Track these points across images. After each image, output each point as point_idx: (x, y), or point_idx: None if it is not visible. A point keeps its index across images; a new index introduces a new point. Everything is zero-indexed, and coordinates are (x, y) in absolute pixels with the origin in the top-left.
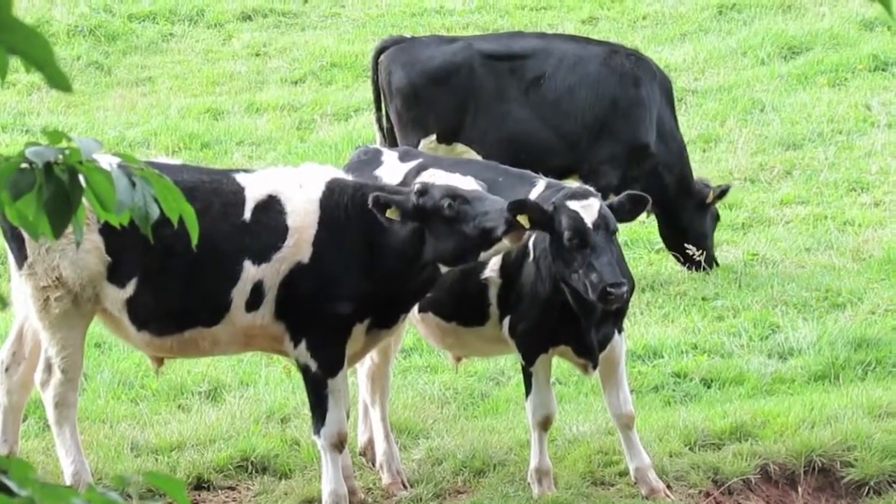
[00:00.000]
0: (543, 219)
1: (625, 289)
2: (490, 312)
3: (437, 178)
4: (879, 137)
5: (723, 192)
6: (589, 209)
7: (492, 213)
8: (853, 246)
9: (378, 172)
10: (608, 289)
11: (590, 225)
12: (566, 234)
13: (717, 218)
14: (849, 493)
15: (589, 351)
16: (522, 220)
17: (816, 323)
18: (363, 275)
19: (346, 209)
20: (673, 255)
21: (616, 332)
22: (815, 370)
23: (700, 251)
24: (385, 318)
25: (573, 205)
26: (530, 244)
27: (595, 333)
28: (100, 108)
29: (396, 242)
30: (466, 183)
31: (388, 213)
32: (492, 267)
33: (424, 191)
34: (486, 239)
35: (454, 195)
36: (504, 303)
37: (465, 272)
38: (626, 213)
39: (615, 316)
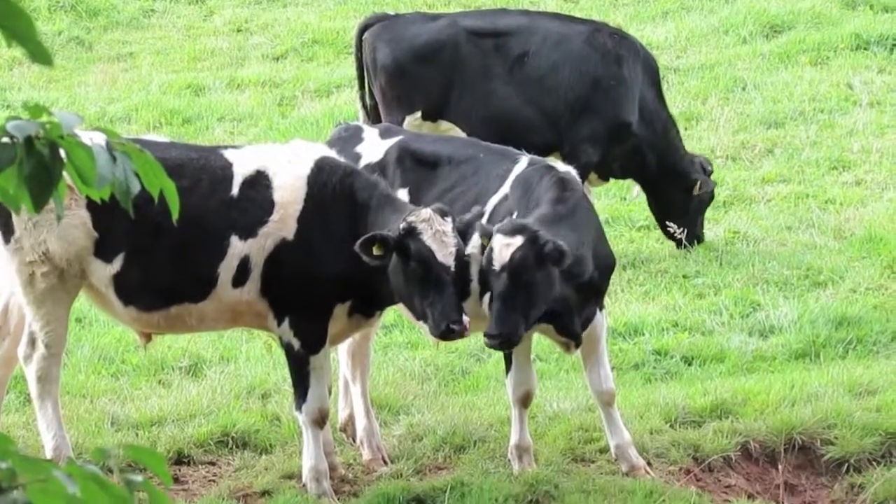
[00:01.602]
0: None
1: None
2: (471, 289)
3: (431, 225)
4: (861, 116)
5: (707, 187)
6: (506, 248)
7: (442, 310)
8: (834, 224)
9: (359, 149)
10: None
11: (496, 267)
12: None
13: (711, 197)
14: (829, 470)
15: (570, 331)
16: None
17: (797, 301)
18: (346, 256)
19: (334, 189)
20: (662, 231)
21: (597, 309)
22: (795, 348)
23: (681, 229)
24: (366, 306)
25: (496, 240)
26: None
27: (579, 315)
28: (81, 84)
29: (380, 229)
30: (447, 254)
31: (375, 251)
32: (473, 243)
33: (411, 232)
34: (419, 318)
35: (427, 264)
36: (486, 279)
37: None
38: (547, 260)
39: (596, 295)
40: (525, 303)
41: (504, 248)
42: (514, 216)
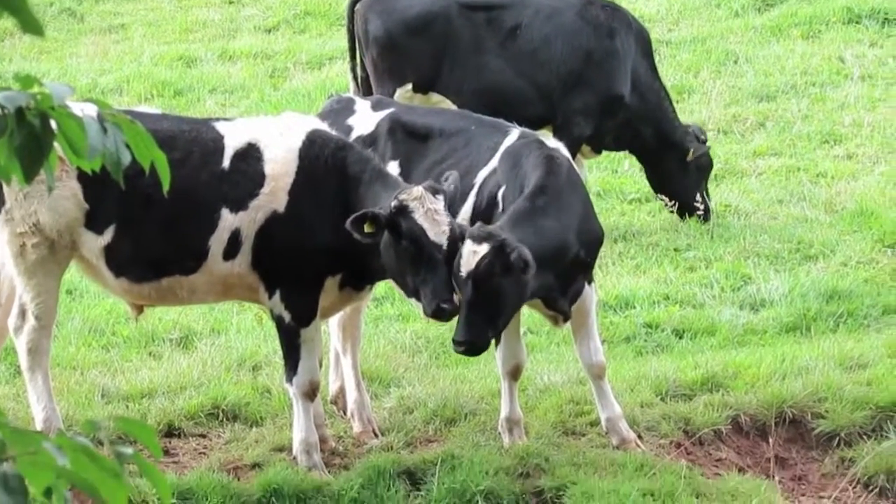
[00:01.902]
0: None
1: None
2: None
3: (423, 204)
4: (853, 90)
5: (700, 152)
6: (473, 255)
7: (434, 289)
8: (826, 198)
9: (350, 121)
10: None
11: (463, 273)
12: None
13: (707, 167)
14: (819, 444)
15: (557, 306)
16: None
17: (788, 274)
18: (336, 229)
19: (325, 162)
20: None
21: (586, 283)
22: (786, 322)
23: (673, 202)
24: (356, 279)
25: (465, 246)
26: (499, 196)
27: (566, 291)
28: (72, 55)
29: (369, 206)
30: (438, 233)
31: (366, 228)
32: (463, 216)
33: (402, 211)
34: (410, 295)
35: (419, 243)
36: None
37: None
38: (516, 268)
39: (584, 270)
40: (492, 310)
41: (471, 255)
42: (502, 191)
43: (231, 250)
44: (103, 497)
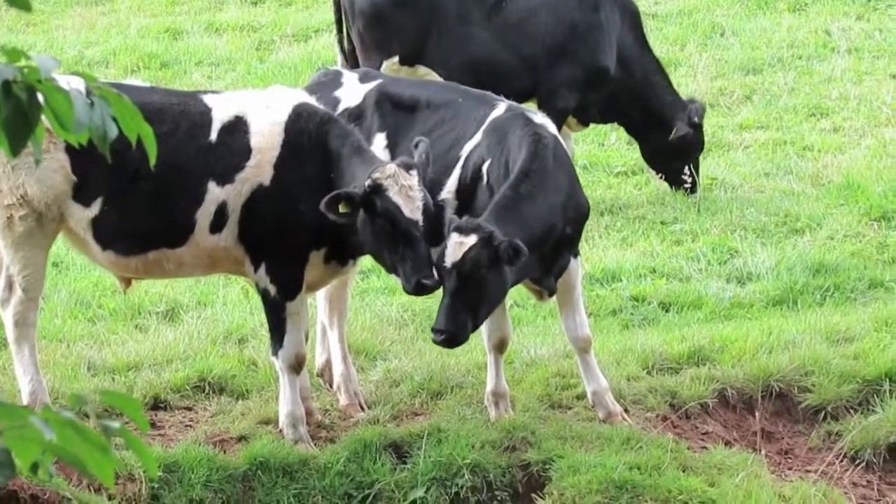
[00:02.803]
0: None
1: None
2: (446, 233)
3: (397, 181)
4: (839, 63)
5: (681, 132)
6: (459, 247)
7: (413, 265)
8: (812, 171)
9: (338, 94)
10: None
11: (448, 264)
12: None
13: (695, 145)
14: (806, 418)
15: (542, 281)
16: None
17: (775, 248)
18: (320, 203)
19: (310, 136)
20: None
21: (572, 257)
22: (773, 295)
23: (659, 174)
24: (341, 253)
25: (451, 237)
26: (484, 169)
27: (551, 266)
28: (59, 28)
29: (346, 182)
30: (414, 209)
31: (341, 208)
32: (448, 188)
33: (377, 189)
34: (390, 272)
35: (395, 220)
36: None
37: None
38: (503, 259)
39: (569, 245)
40: (475, 302)
41: (457, 246)
42: (487, 164)
43: (217, 223)
44: (90, 471)
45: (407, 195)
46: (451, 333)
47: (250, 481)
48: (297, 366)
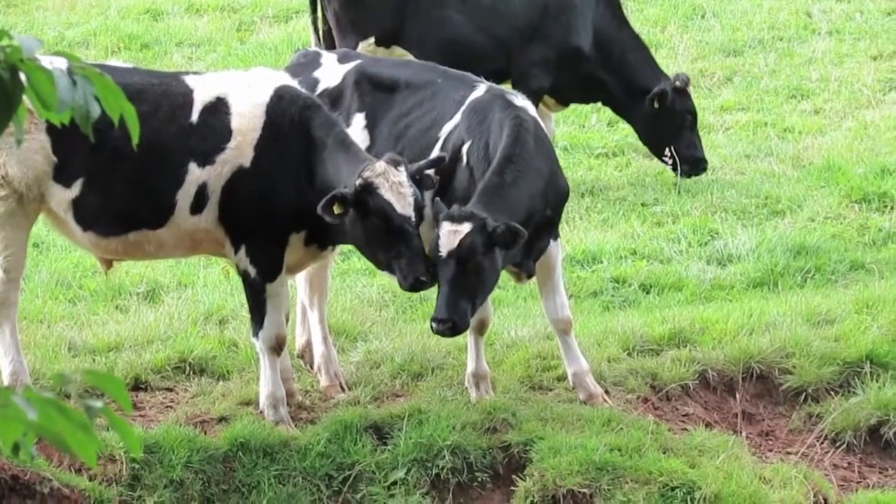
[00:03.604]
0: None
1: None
2: (425, 213)
3: (387, 178)
4: (820, 45)
5: (663, 98)
6: (452, 235)
7: (409, 263)
8: (793, 153)
9: (317, 74)
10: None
11: (443, 253)
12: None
13: (685, 116)
14: (787, 399)
15: (520, 263)
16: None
17: (756, 230)
18: (300, 186)
19: (292, 119)
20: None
21: (552, 238)
22: (753, 277)
23: (666, 157)
24: (322, 237)
25: (443, 226)
26: (464, 150)
27: (530, 248)
28: (39, 8)
29: (330, 173)
30: (405, 205)
31: (335, 210)
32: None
33: (368, 188)
34: (384, 269)
35: (388, 218)
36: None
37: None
38: (500, 244)
39: (549, 227)
40: (473, 288)
41: (452, 234)
42: (467, 146)
43: (198, 204)
44: (73, 451)
45: (398, 192)
46: (454, 322)
47: (231, 462)
48: (277, 347)
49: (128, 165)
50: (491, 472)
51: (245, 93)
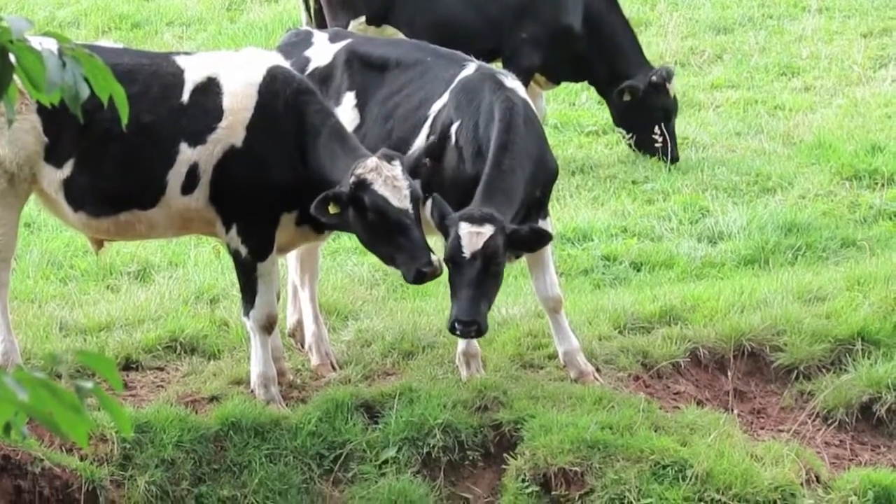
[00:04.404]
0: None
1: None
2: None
3: (381, 173)
4: (810, 22)
5: (634, 91)
6: (476, 237)
7: (411, 255)
8: (784, 130)
9: (308, 53)
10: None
11: (467, 255)
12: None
13: (662, 109)
14: (778, 377)
15: None
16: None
17: (746, 207)
18: (292, 167)
19: (286, 102)
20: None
21: (541, 218)
22: (744, 254)
23: (630, 135)
24: (314, 219)
25: (463, 227)
26: (452, 130)
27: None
28: None
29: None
30: (402, 198)
31: (331, 210)
32: (416, 148)
33: (361, 185)
34: (388, 264)
35: (385, 213)
36: (428, 183)
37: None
38: (525, 245)
39: (538, 206)
40: (491, 290)
41: (474, 236)
42: (456, 126)
43: (189, 184)
44: (64, 431)
45: (393, 185)
46: (478, 324)
47: (222, 441)
48: (268, 326)
49: (119, 146)
50: (482, 451)
51: (237, 72)
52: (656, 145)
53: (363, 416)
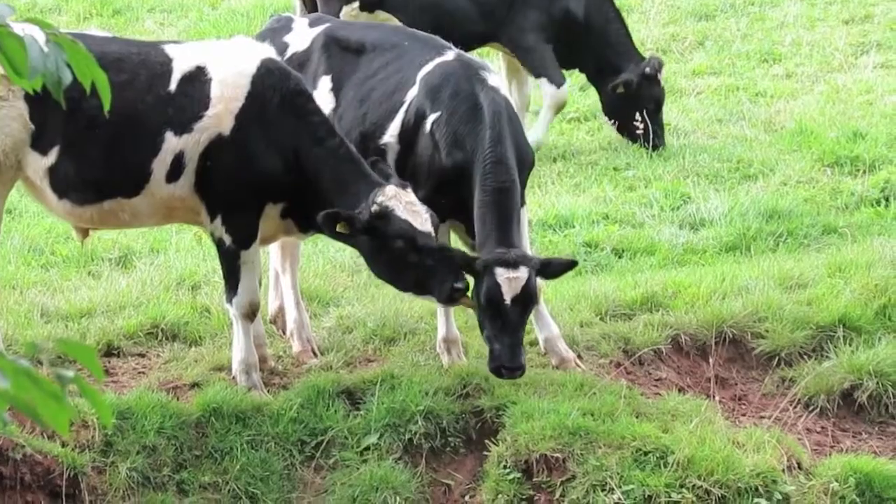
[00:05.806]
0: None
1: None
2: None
3: (400, 200)
4: (792, 9)
5: (628, 85)
6: (514, 282)
7: (441, 276)
8: (765, 117)
9: (287, 38)
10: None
11: (507, 300)
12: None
13: (648, 98)
14: (760, 364)
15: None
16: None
17: (728, 194)
18: (283, 163)
19: (283, 98)
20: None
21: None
22: (726, 241)
23: (613, 121)
24: (300, 214)
25: (499, 273)
26: (429, 121)
27: None
28: None
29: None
30: (423, 221)
31: (339, 228)
32: (391, 132)
33: (383, 214)
34: (413, 290)
35: (412, 238)
36: (401, 169)
37: (364, 136)
38: (556, 276)
39: None
40: (525, 325)
41: (513, 281)
42: (433, 119)
43: (174, 173)
44: (45, 419)
45: (413, 210)
46: (524, 367)
47: (203, 428)
48: (251, 313)
49: (104, 134)
50: (464, 437)
51: (228, 61)
52: (638, 132)
53: (345, 402)
